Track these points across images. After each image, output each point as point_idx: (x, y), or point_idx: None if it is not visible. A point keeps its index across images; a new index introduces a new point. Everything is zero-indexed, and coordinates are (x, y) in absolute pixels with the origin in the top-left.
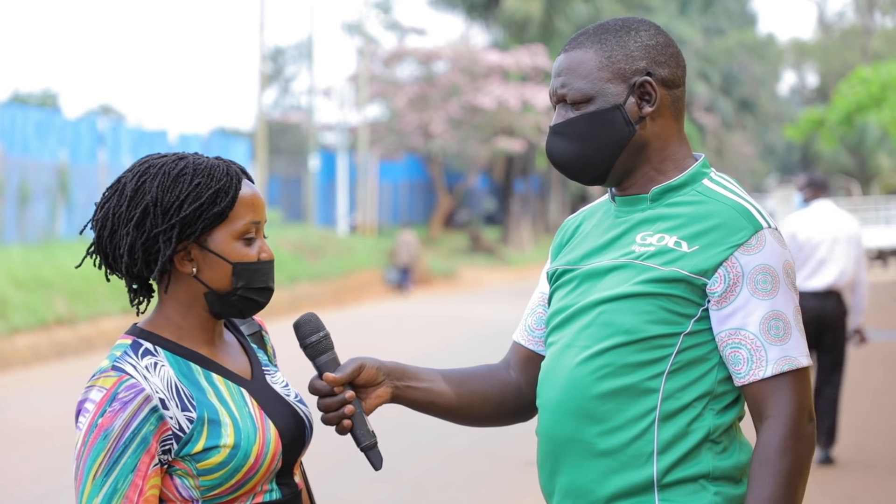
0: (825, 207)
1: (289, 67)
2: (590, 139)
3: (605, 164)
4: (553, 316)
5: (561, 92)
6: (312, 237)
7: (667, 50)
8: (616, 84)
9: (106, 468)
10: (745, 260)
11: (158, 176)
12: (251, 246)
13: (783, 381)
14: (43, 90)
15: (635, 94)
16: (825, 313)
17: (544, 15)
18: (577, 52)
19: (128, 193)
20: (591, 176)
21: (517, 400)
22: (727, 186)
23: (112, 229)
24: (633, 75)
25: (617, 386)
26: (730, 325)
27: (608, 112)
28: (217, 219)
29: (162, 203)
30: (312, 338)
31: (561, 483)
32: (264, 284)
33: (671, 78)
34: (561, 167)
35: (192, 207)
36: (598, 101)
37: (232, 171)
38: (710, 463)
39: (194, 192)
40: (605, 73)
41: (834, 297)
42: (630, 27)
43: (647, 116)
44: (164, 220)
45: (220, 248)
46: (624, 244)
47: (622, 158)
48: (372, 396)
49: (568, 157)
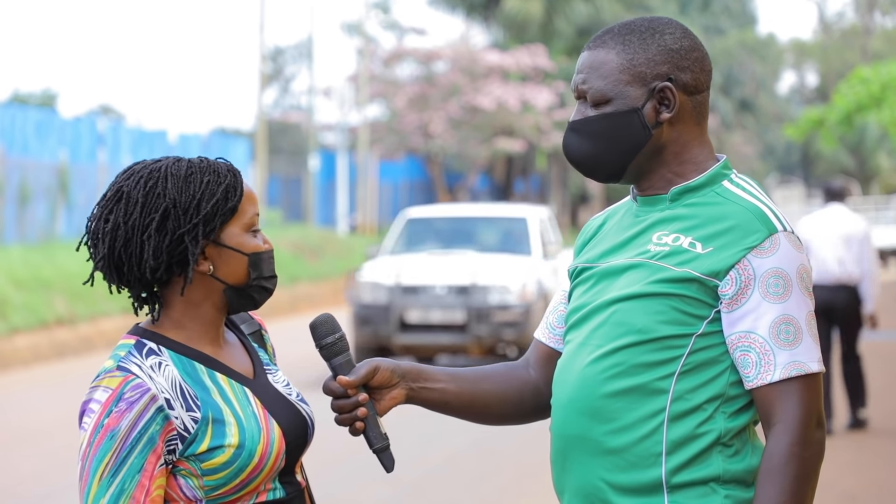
0: (836, 210)
1: (289, 67)
2: (605, 140)
3: (620, 165)
4: (570, 314)
5: (582, 88)
6: (312, 237)
7: (691, 54)
8: (635, 87)
9: (112, 469)
10: (758, 263)
11: (168, 178)
12: (257, 237)
13: (791, 386)
14: (43, 90)
15: (654, 98)
16: (835, 304)
17: (544, 15)
18: (601, 52)
19: (138, 200)
20: (605, 174)
21: (535, 398)
22: (746, 188)
23: (126, 238)
24: (654, 80)
25: (627, 385)
26: (740, 327)
27: (625, 115)
28: (230, 213)
29: (181, 204)
30: (328, 339)
31: (571, 481)
32: (272, 272)
33: (693, 83)
34: (575, 164)
35: (210, 204)
36: (617, 102)
37: (232, 168)
38: (721, 466)
39: (208, 189)
40: (625, 75)
41: (844, 289)
42: (655, 29)
43: (665, 122)
44: (187, 220)
45: (235, 241)
46: (640, 243)
47: (637, 160)
48: (386, 398)
49: (583, 155)
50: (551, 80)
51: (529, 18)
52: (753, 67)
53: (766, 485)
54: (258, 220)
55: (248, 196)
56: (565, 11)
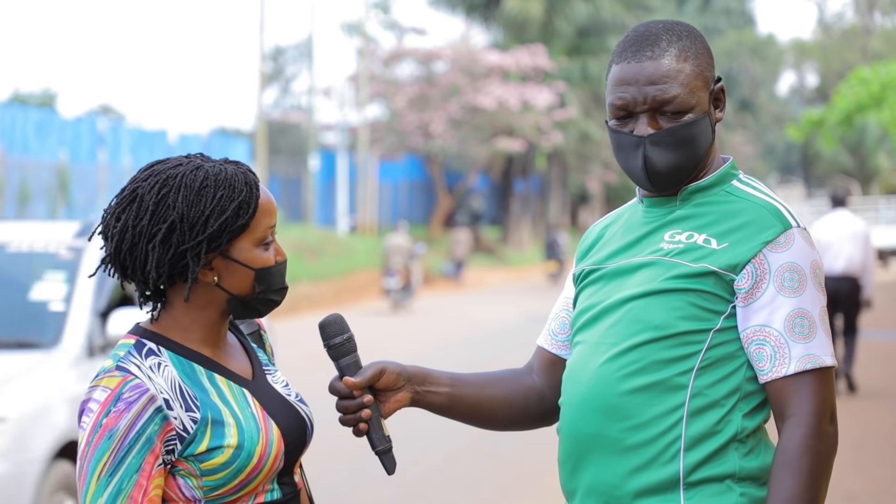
0: (842, 214)
1: (289, 67)
2: (689, 147)
3: (692, 170)
4: (579, 315)
5: (661, 98)
6: (312, 237)
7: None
8: (705, 92)
9: (110, 468)
10: (773, 257)
11: (181, 190)
12: (269, 250)
13: (806, 379)
14: (43, 90)
15: (712, 100)
16: (841, 292)
17: (544, 15)
18: (669, 61)
19: (148, 207)
20: (679, 181)
21: (540, 405)
22: (756, 187)
23: (133, 243)
24: (712, 83)
25: (646, 382)
26: (755, 321)
27: (703, 120)
28: (240, 231)
29: (188, 219)
30: (337, 339)
31: (584, 481)
32: (282, 285)
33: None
34: (658, 176)
35: (218, 222)
36: (696, 110)
37: (250, 180)
38: (737, 463)
39: (219, 206)
40: (699, 81)
41: (848, 280)
42: (693, 34)
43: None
44: (191, 237)
45: (243, 256)
46: (652, 242)
47: (701, 162)
48: (391, 400)
49: (669, 167)
50: (551, 80)
51: (529, 18)
52: (753, 68)
53: (781, 477)
54: (273, 233)
55: (264, 210)
56: (565, 11)
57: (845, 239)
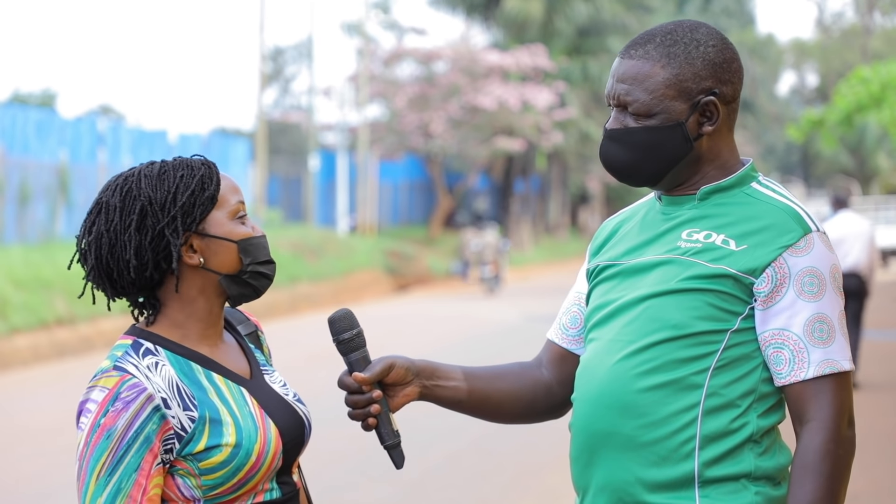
0: (845, 216)
1: (289, 67)
2: (646, 150)
3: (658, 174)
4: (594, 312)
5: (624, 99)
6: (312, 237)
7: (731, 66)
8: (680, 102)
9: (109, 468)
10: (794, 261)
11: (142, 179)
12: (246, 224)
13: (825, 383)
14: (43, 90)
15: (697, 112)
16: (848, 288)
17: (544, 15)
18: (645, 64)
19: (115, 206)
20: (642, 181)
21: (548, 398)
22: (776, 190)
23: (111, 243)
24: (699, 94)
25: (661, 381)
26: (774, 325)
27: (669, 129)
28: (210, 203)
29: (156, 200)
30: (346, 334)
31: (597, 477)
32: (267, 257)
33: (732, 94)
34: (613, 171)
35: (185, 195)
36: (661, 117)
37: (207, 162)
38: (752, 462)
39: (182, 182)
40: (671, 90)
41: (855, 277)
42: (699, 41)
43: (707, 133)
44: (165, 214)
45: (221, 230)
46: (669, 240)
47: (676, 169)
48: (399, 395)
49: (622, 164)
50: (551, 80)
51: (529, 18)
52: (753, 68)
53: (802, 481)
54: (244, 208)
55: (228, 186)
56: (565, 11)
57: (854, 237)
